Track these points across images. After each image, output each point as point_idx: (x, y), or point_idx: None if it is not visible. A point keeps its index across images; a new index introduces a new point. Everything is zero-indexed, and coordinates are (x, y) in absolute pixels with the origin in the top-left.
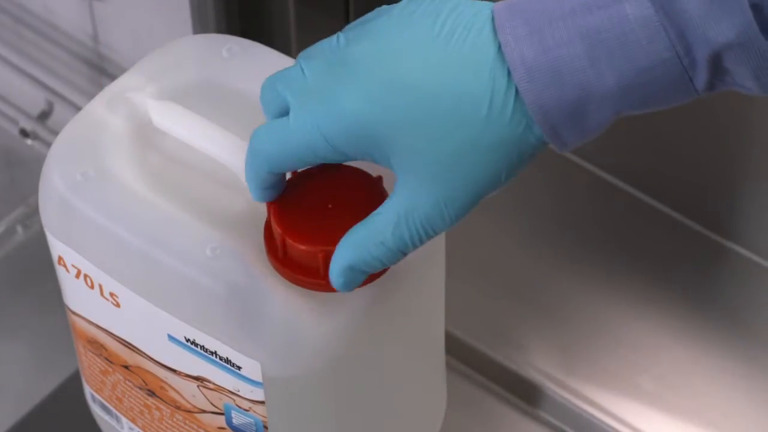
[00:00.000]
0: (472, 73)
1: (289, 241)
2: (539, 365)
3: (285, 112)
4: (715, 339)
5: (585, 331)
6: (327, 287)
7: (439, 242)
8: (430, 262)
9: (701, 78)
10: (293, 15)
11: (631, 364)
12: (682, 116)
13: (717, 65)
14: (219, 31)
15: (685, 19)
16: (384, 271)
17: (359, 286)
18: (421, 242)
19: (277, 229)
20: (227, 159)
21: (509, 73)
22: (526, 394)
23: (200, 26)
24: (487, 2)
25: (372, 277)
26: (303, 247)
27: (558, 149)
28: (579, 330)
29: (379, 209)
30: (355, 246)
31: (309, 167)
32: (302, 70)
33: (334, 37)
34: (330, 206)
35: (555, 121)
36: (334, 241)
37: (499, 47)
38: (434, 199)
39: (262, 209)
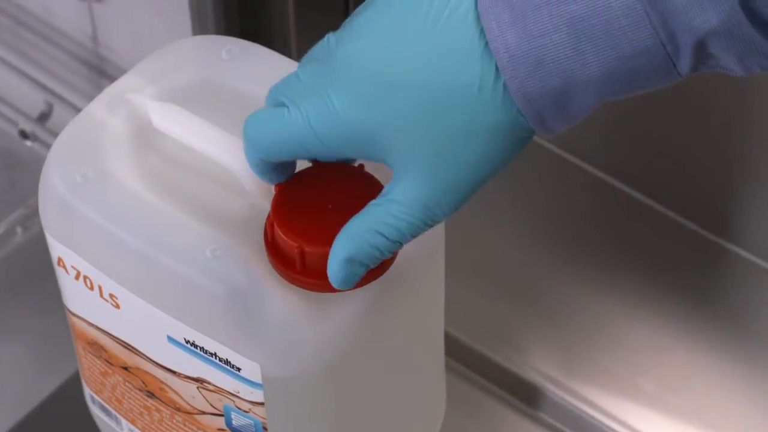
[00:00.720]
0: (459, 62)
1: (282, 238)
2: (539, 367)
3: None
4: (715, 340)
5: (585, 332)
6: (326, 287)
7: (438, 243)
8: (430, 263)
9: (685, 63)
10: (293, 16)
11: (631, 366)
12: (682, 116)
13: (701, 51)
14: (218, 32)
15: (669, 7)
16: (382, 270)
17: (358, 285)
18: (420, 232)
19: (282, 236)
20: (227, 160)
21: (493, 61)
22: (526, 396)
23: (200, 27)
24: None
25: (370, 276)
26: (295, 244)
27: (544, 134)
28: (579, 331)
29: (377, 200)
30: (352, 237)
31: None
32: (297, 75)
33: (325, 39)
34: (329, 206)
35: (539, 108)
36: (329, 242)
37: (483, 33)
38: (431, 189)
39: (262, 210)
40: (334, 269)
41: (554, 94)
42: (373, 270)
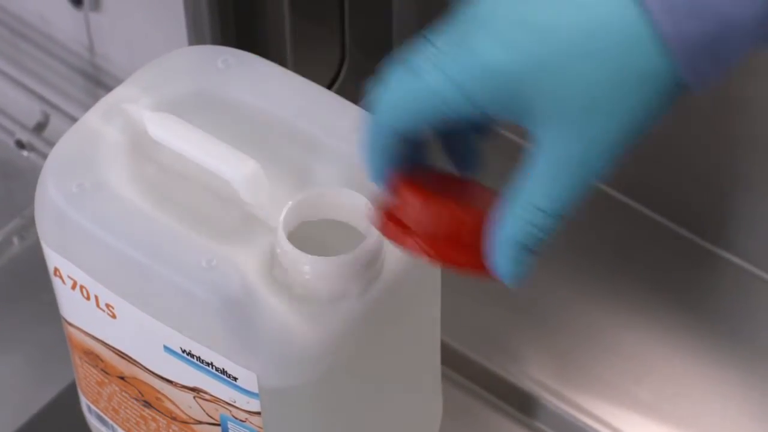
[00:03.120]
0: (609, 4)
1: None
2: (535, 375)
3: None
4: (712, 348)
5: (581, 340)
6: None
7: None
8: (425, 272)
9: None
10: (289, 26)
11: (627, 374)
12: (677, 124)
13: None
14: (214, 42)
15: None
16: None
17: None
18: (583, 192)
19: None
20: (223, 170)
21: (643, 5)
22: (521, 404)
23: (196, 37)
24: None
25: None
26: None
27: (694, 87)
28: (574, 340)
29: (527, 170)
30: (508, 220)
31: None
32: (429, 41)
33: (454, 11)
34: (452, 202)
35: (693, 54)
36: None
37: None
38: (586, 141)
39: (257, 220)
40: (500, 260)
41: (710, 39)
42: None
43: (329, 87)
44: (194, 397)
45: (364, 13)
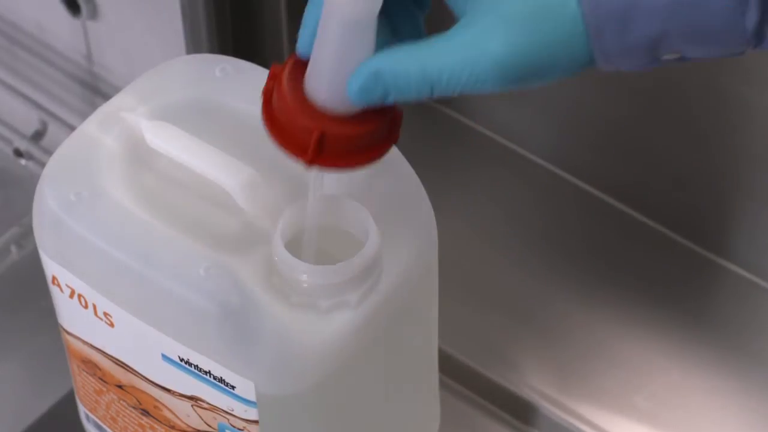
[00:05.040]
0: None
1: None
2: (533, 384)
3: None
4: (710, 357)
5: (579, 349)
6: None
7: (432, 259)
8: (424, 279)
9: (752, 17)
10: (286, 35)
11: (625, 383)
12: (675, 132)
13: (765, 6)
14: (212, 51)
15: None
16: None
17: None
18: (458, 87)
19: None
20: (220, 178)
21: None
22: (520, 413)
23: (193, 46)
24: None
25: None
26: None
27: (598, 58)
28: (573, 348)
29: (435, 36)
30: (392, 56)
31: None
32: None
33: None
34: None
35: (603, 19)
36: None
37: None
38: (499, 43)
39: (255, 229)
40: (354, 77)
41: (621, 7)
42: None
43: None
44: (192, 406)
45: None
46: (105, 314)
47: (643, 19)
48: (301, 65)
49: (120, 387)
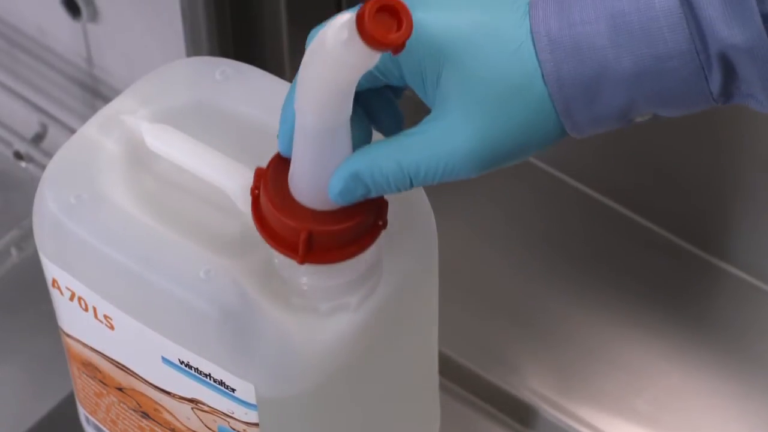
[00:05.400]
0: (507, 33)
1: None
2: (534, 386)
3: None
4: (710, 360)
5: (580, 352)
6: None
7: (432, 261)
8: (424, 282)
9: (716, 80)
10: (286, 37)
11: (626, 386)
12: (675, 136)
13: (728, 67)
14: (212, 53)
15: (705, 15)
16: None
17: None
18: (435, 179)
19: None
20: (221, 181)
21: (534, 43)
22: (520, 416)
23: (193, 49)
24: None
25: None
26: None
27: (569, 131)
28: (573, 351)
29: (408, 131)
30: (369, 156)
31: None
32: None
33: None
34: None
35: (569, 96)
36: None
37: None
38: (471, 135)
39: (255, 231)
40: (334, 180)
41: (586, 83)
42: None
43: None
44: (192, 409)
45: None
46: (105, 317)
47: (608, 92)
48: (285, 162)
49: (120, 390)
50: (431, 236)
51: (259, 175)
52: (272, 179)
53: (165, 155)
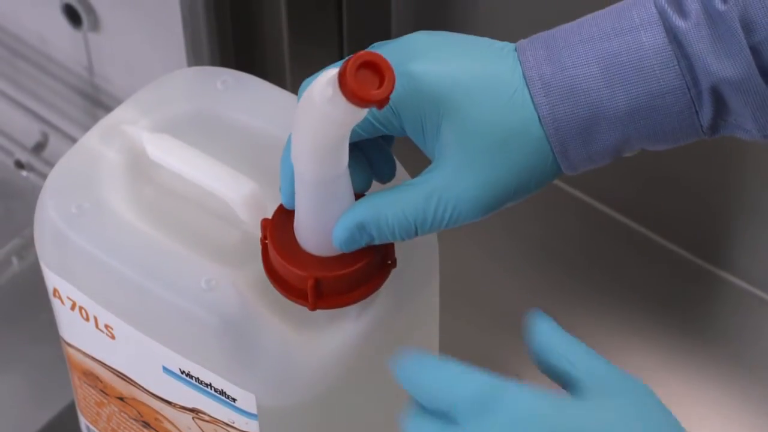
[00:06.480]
0: (502, 82)
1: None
2: None
3: None
4: (709, 368)
5: None
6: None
7: (432, 272)
8: (424, 292)
9: (706, 113)
10: (287, 47)
11: None
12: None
13: (719, 100)
14: (213, 63)
15: (694, 51)
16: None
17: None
18: (441, 226)
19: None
20: (222, 191)
21: (528, 86)
22: None
23: (195, 58)
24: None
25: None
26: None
27: (565, 169)
28: None
29: (411, 181)
30: (373, 206)
31: None
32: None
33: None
34: None
35: (565, 137)
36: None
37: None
38: (473, 182)
39: (256, 241)
40: (339, 229)
41: (581, 124)
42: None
43: None
44: (193, 418)
45: (363, 34)
46: (106, 326)
47: (604, 131)
48: (290, 212)
49: (121, 399)
50: (431, 246)
51: (266, 225)
52: (278, 229)
53: (166, 165)
